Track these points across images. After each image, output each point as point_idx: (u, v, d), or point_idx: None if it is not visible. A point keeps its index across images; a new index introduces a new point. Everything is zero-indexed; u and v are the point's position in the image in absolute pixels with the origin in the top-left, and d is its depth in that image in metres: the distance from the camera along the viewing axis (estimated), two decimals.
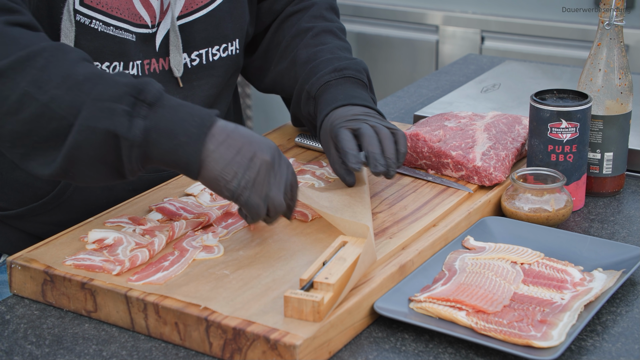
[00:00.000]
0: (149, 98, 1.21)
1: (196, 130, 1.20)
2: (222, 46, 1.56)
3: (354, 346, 1.16)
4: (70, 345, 1.18)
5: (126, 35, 1.44)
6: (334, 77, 1.53)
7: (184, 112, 1.22)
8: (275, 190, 1.24)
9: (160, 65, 1.50)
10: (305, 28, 1.65)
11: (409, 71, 3.48)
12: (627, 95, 1.53)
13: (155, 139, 1.20)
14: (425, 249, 1.31)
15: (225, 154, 1.21)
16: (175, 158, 1.21)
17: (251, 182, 1.22)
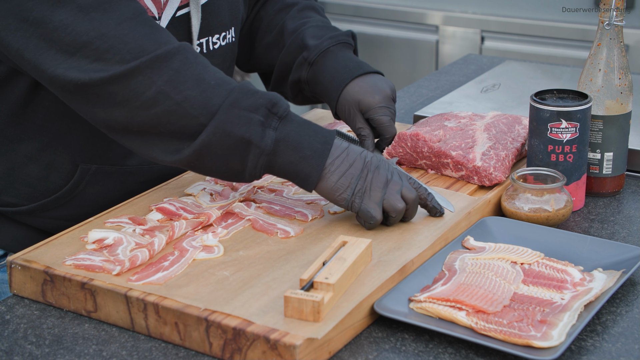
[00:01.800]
0: (280, 112, 1.31)
1: (320, 146, 1.32)
2: (221, 35, 1.58)
3: (354, 346, 1.16)
4: (70, 345, 1.18)
5: None
6: (332, 43, 1.62)
7: (309, 128, 1.33)
8: (391, 194, 1.34)
9: None
10: (290, 3, 1.72)
11: (409, 71, 3.48)
12: (627, 95, 1.53)
13: (282, 150, 1.30)
14: (426, 249, 1.31)
15: (340, 168, 1.33)
16: (298, 169, 1.31)
17: (362, 190, 1.33)
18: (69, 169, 1.48)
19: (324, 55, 1.61)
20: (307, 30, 1.65)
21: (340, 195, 1.33)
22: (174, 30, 1.50)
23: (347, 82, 1.58)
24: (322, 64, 1.61)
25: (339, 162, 1.33)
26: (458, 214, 1.40)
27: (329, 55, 1.61)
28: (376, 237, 1.33)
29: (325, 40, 1.62)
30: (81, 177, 1.48)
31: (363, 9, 3.52)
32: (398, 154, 1.57)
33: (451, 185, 1.51)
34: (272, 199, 1.45)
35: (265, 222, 1.38)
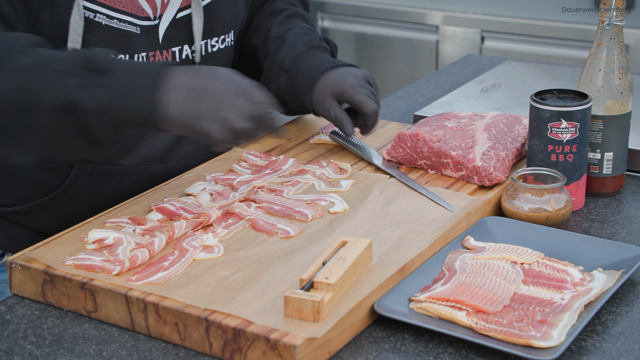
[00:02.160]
0: (98, 66, 1.26)
1: (151, 82, 1.26)
2: (220, 38, 1.58)
3: (354, 346, 1.16)
4: (70, 345, 1.18)
5: (130, 28, 1.46)
6: (305, 48, 1.62)
7: (137, 69, 1.28)
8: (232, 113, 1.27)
9: (164, 57, 1.51)
10: (280, 9, 1.73)
11: (409, 71, 3.48)
12: (627, 95, 1.53)
13: (115, 102, 1.25)
14: (426, 249, 1.31)
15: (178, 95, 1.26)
16: (140, 116, 1.26)
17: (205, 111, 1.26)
18: (64, 169, 1.48)
19: (298, 60, 1.61)
20: (288, 37, 1.65)
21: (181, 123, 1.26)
22: (174, 31, 1.50)
23: (319, 75, 1.57)
24: (297, 68, 1.60)
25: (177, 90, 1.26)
26: (458, 214, 1.40)
27: (302, 59, 1.61)
28: (376, 237, 1.33)
29: (298, 45, 1.62)
30: (76, 177, 1.49)
31: (363, 9, 3.52)
32: (398, 154, 1.57)
33: (451, 185, 1.51)
34: (272, 199, 1.46)
35: (265, 222, 1.38)
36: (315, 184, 1.51)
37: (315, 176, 1.53)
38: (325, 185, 1.50)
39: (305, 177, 1.53)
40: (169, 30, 1.51)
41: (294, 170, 1.56)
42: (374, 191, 1.48)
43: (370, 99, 1.54)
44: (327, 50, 1.65)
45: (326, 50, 1.65)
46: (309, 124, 1.79)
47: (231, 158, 1.62)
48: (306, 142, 1.71)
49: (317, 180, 1.52)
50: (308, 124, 1.79)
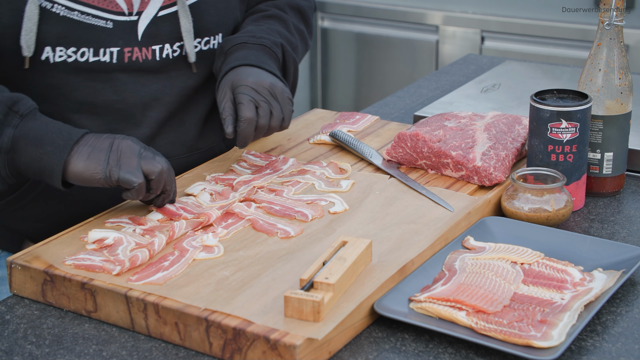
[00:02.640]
0: (22, 110, 1.31)
1: (62, 141, 1.31)
2: (204, 39, 1.56)
3: (354, 346, 1.16)
4: (70, 345, 1.18)
5: (97, 22, 1.44)
6: (251, 40, 1.57)
7: (54, 127, 1.33)
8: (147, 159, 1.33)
9: (142, 54, 1.49)
10: (261, 9, 1.70)
11: (409, 71, 3.48)
12: (627, 95, 1.53)
13: (22, 147, 1.30)
14: (426, 249, 1.31)
15: (84, 152, 1.32)
16: (41, 166, 1.31)
17: (116, 160, 1.32)
18: None
19: (236, 49, 1.55)
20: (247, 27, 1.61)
21: (94, 174, 1.31)
22: (155, 29, 1.48)
23: (236, 65, 1.52)
24: (230, 54, 1.55)
25: (82, 149, 1.32)
26: (458, 214, 1.40)
27: (242, 48, 1.55)
28: (376, 237, 1.33)
29: (247, 37, 1.57)
30: None
31: (363, 9, 3.52)
32: (398, 154, 1.57)
33: (451, 185, 1.51)
34: (272, 199, 1.46)
35: (265, 222, 1.38)
36: (315, 184, 1.51)
37: (315, 176, 1.53)
38: (325, 185, 1.50)
39: (305, 177, 1.53)
40: (149, 27, 1.49)
41: (294, 170, 1.56)
42: (374, 191, 1.48)
43: (250, 107, 1.46)
44: (273, 54, 1.58)
45: (273, 53, 1.58)
46: (309, 124, 1.79)
47: (231, 158, 1.62)
48: (306, 142, 1.71)
49: (317, 180, 1.52)
50: (308, 124, 1.79)
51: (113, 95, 1.49)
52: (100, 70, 1.46)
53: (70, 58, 1.44)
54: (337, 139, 1.67)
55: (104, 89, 1.48)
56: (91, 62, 1.45)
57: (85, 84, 1.46)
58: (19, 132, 1.30)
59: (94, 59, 1.45)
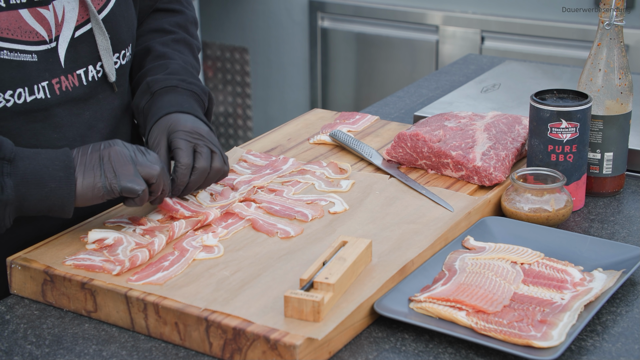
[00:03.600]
0: (7, 154, 1.23)
1: (63, 173, 1.25)
2: (121, 53, 1.48)
3: (354, 346, 1.16)
4: (70, 345, 1.18)
5: (24, 57, 1.33)
6: (182, 85, 1.50)
7: (43, 158, 1.25)
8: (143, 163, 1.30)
9: (70, 83, 1.40)
10: (168, 30, 1.62)
11: (409, 71, 3.48)
12: (627, 95, 1.53)
13: (24, 192, 1.23)
14: (426, 249, 1.31)
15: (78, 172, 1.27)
16: (50, 204, 1.25)
17: (112, 171, 1.28)
18: None
19: (167, 91, 1.48)
20: (172, 65, 1.53)
21: (95, 192, 1.27)
22: (74, 52, 1.40)
23: (171, 111, 1.45)
24: (161, 96, 1.48)
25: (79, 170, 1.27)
26: (458, 214, 1.40)
27: (171, 92, 1.48)
28: (376, 237, 1.33)
29: (176, 80, 1.50)
30: None
31: (363, 9, 3.52)
32: (398, 154, 1.57)
33: (451, 185, 1.51)
34: (272, 199, 1.46)
35: (265, 222, 1.38)
36: (315, 184, 1.51)
37: (315, 176, 1.53)
38: (325, 185, 1.50)
39: (305, 177, 1.53)
40: (69, 52, 1.39)
41: (294, 170, 1.56)
42: (374, 191, 1.48)
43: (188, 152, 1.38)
44: (201, 101, 1.51)
45: (200, 101, 1.51)
46: (309, 124, 1.79)
47: (231, 158, 1.62)
48: (306, 142, 1.71)
49: (317, 180, 1.52)
50: (308, 124, 1.79)
51: (53, 133, 1.40)
52: (38, 109, 1.36)
53: (9, 102, 1.33)
54: (337, 139, 1.67)
55: (43, 129, 1.38)
56: (29, 102, 1.35)
57: (27, 128, 1.36)
58: (16, 179, 1.23)
59: (31, 98, 1.35)
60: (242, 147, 1.67)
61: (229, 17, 3.86)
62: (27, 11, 1.33)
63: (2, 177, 1.21)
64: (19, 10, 1.32)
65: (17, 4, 1.32)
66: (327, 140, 1.69)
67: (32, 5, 1.34)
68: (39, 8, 1.35)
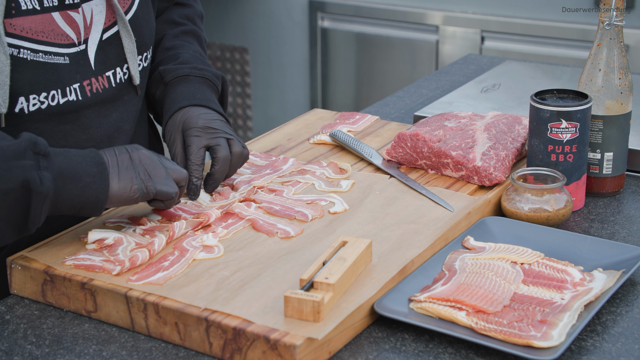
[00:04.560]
0: (43, 149, 1.22)
1: (96, 168, 1.26)
2: (144, 55, 1.50)
3: (354, 346, 1.16)
4: (70, 345, 1.18)
5: (57, 59, 1.35)
6: (194, 73, 1.54)
7: (74, 154, 1.26)
8: (170, 165, 1.32)
9: (101, 84, 1.42)
10: (178, 22, 1.66)
11: (409, 71, 3.48)
12: (627, 95, 1.53)
13: (61, 186, 1.23)
14: (426, 249, 1.31)
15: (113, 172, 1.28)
16: (84, 199, 1.25)
17: (147, 174, 1.29)
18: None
19: (180, 81, 1.52)
20: (182, 54, 1.57)
21: (131, 193, 1.29)
22: (103, 54, 1.42)
23: (184, 105, 1.48)
24: (174, 87, 1.52)
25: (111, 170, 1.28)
26: (458, 214, 1.40)
27: (184, 82, 1.52)
28: (376, 237, 1.33)
29: (188, 69, 1.54)
30: None
31: (363, 9, 3.52)
32: (398, 154, 1.57)
33: (451, 185, 1.51)
34: (272, 199, 1.46)
35: (265, 222, 1.38)
36: (315, 184, 1.51)
37: (315, 176, 1.53)
38: (325, 185, 1.50)
39: (305, 177, 1.53)
40: (98, 54, 1.41)
41: (294, 170, 1.56)
42: (374, 191, 1.48)
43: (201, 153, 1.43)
44: (215, 87, 1.55)
45: (214, 86, 1.55)
46: (309, 124, 1.79)
47: None
48: (306, 142, 1.71)
49: (317, 180, 1.52)
50: (308, 124, 1.79)
51: (82, 134, 1.41)
52: (69, 111, 1.38)
53: (44, 104, 1.35)
54: (337, 139, 1.67)
55: (73, 130, 1.40)
56: (62, 104, 1.37)
57: (57, 129, 1.38)
58: (53, 173, 1.22)
59: (64, 100, 1.37)
60: None
61: (229, 17, 3.86)
62: (58, 14, 1.35)
63: (40, 170, 1.20)
64: (52, 14, 1.35)
65: (50, 7, 1.35)
66: (327, 140, 1.69)
67: (63, 9, 1.36)
68: (69, 11, 1.37)
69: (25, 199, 1.19)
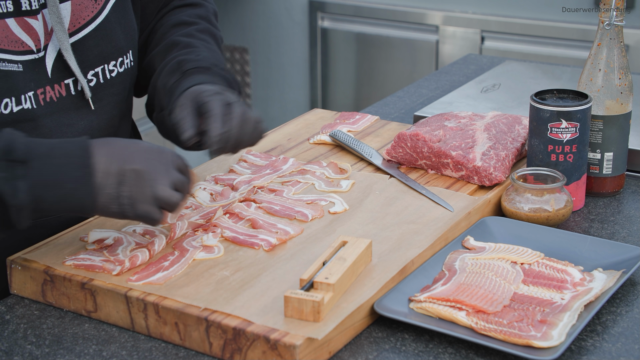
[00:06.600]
0: (19, 156, 1.16)
1: (80, 172, 1.18)
2: (118, 60, 1.44)
3: (354, 346, 1.16)
4: (70, 345, 1.18)
5: (10, 67, 1.31)
6: (215, 69, 1.46)
7: (59, 155, 1.18)
8: (160, 188, 1.21)
9: (57, 92, 1.37)
10: (190, 21, 1.57)
11: (409, 71, 3.48)
12: (627, 95, 1.53)
13: (41, 194, 1.17)
14: (426, 249, 1.31)
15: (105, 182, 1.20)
16: (67, 205, 1.19)
17: (130, 197, 1.20)
18: None
19: (199, 71, 1.44)
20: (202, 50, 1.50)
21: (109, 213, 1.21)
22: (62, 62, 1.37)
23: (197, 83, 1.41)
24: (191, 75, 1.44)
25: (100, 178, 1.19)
26: (458, 214, 1.40)
27: (204, 72, 1.45)
28: (376, 237, 1.33)
29: (210, 63, 1.47)
30: None
31: (363, 9, 3.52)
32: (398, 154, 1.57)
33: (451, 185, 1.51)
34: (272, 199, 1.46)
35: (265, 222, 1.38)
36: (315, 184, 1.51)
37: (315, 176, 1.53)
38: (325, 185, 1.50)
39: (305, 177, 1.53)
40: (57, 61, 1.36)
41: (294, 170, 1.56)
42: (374, 191, 1.48)
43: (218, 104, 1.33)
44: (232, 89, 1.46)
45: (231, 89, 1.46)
46: (309, 124, 1.79)
47: (231, 158, 1.62)
48: (306, 142, 1.71)
49: (317, 180, 1.52)
50: (308, 124, 1.79)
51: None
52: (25, 120, 1.33)
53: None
54: (337, 139, 1.67)
55: None
56: (15, 112, 1.32)
57: None
58: (32, 181, 1.16)
59: (17, 108, 1.32)
60: None
61: (229, 17, 3.86)
62: (13, 20, 1.31)
63: (14, 180, 1.15)
64: (6, 20, 1.31)
65: (4, 12, 1.30)
66: (327, 140, 1.69)
67: (19, 15, 1.32)
68: (27, 17, 1.33)
69: (1, 209, 1.16)
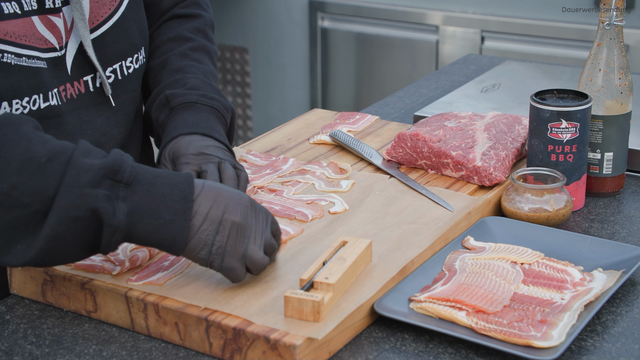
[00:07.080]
0: (125, 177, 1.14)
1: (180, 206, 1.15)
2: (134, 57, 1.47)
3: (354, 346, 1.16)
4: (70, 345, 1.18)
5: (38, 64, 1.33)
6: (202, 101, 1.46)
7: (162, 184, 1.16)
8: (252, 247, 1.19)
9: (76, 89, 1.39)
10: (186, 37, 1.58)
11: (409, 71, 3.48)
12: (627, 95, 1.53)
13: (137, 220, 1.14)
14: (426, 249, 1.31)
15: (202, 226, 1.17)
16: (160, 237, 1.15)
17: (222, 248, 1.17)
18: None
19: (186, 107, 1.45)
20: (190, 80, 1.50)
21: (195, 259, 1.18)
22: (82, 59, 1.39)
23: (184, 133, 1.41)
24: (179, 112, 1.45)
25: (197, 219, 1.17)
26: (458, 214, 1.40)
27: (190, 109, 1.45)
28: (376, 237, 1.33)
29: (197, 95, 1.47)
30: None
31: (363, 9, 3.52)
32: (398, 154, 1.57)
33: (451, 185, 1.51)
34: (272, 199, 1.45)
35: None
36: (315, 184, 1.51)
37: (315, 176, 1.53)
38: (325, 185, 1.50)
39: (305, 177, 1.53)
40: (77, 58, 1.38)
41: (294, 170, 1.56)
42: (374, 191, 1.48)
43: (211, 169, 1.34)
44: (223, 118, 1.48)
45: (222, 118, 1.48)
46: (309, 124, 1.79)
47: None
48: (306, 142, 1.71)
49: (317, 180, 1.52)
50: (308, 124, 1.79)
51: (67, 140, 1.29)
52: (51, 116, 1.35)
53: (26, 109, 1.31)
54: (337, 139, 1.67)
55: (57, 136, 1.34)
56: (43, 108, 1.33)
57: None
58: (131, 205, 1.13)
59: (45, 105, 1.34)
60: (242, 147, 1.67)
61: (229, 17, 3.86)
62: (38, 18, 1.33)
63: (116, 200, 1.13)
64: (32, 17, 1.33)
65: (29, 10, 1.32)
66: (327, 140, 1.69)
67: (43, 12, 1.34)
68: (50, 15, 1.35)
69: (96, 227, 1.13)
